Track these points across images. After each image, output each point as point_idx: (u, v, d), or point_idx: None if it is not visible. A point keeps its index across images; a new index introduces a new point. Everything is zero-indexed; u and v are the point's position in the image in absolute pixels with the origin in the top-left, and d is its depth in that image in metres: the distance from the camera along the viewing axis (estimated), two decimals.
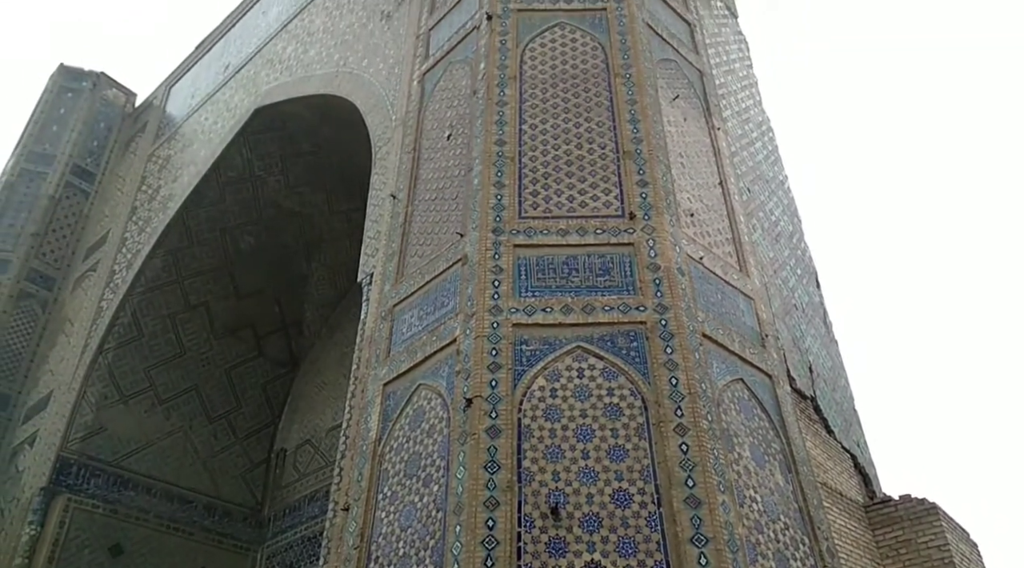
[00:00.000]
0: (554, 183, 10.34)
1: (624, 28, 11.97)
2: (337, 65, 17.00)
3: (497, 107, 11.14)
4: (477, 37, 12.34)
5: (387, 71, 14.98)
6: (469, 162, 10.94)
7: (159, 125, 23.85)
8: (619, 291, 9.30)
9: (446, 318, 9.72)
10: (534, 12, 12.34)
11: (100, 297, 19.88)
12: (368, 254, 12.41)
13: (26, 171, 23.14)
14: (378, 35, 16.05)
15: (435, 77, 13.05)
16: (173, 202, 19.83)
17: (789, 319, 11.74)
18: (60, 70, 25.50)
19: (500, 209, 10.07)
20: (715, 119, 12.69)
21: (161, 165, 21.98)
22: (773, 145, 15.12)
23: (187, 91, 23.67)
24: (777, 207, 13.71)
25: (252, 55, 20.92)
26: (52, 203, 22.85)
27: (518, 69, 11.61)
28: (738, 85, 14.92)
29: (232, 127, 19.40)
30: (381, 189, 13.00)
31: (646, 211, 9.93)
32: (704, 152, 11.97)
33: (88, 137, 24.48)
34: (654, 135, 10.76)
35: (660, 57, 12.30)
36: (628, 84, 11.28)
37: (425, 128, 12.56)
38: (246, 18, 22.76)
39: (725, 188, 11.80)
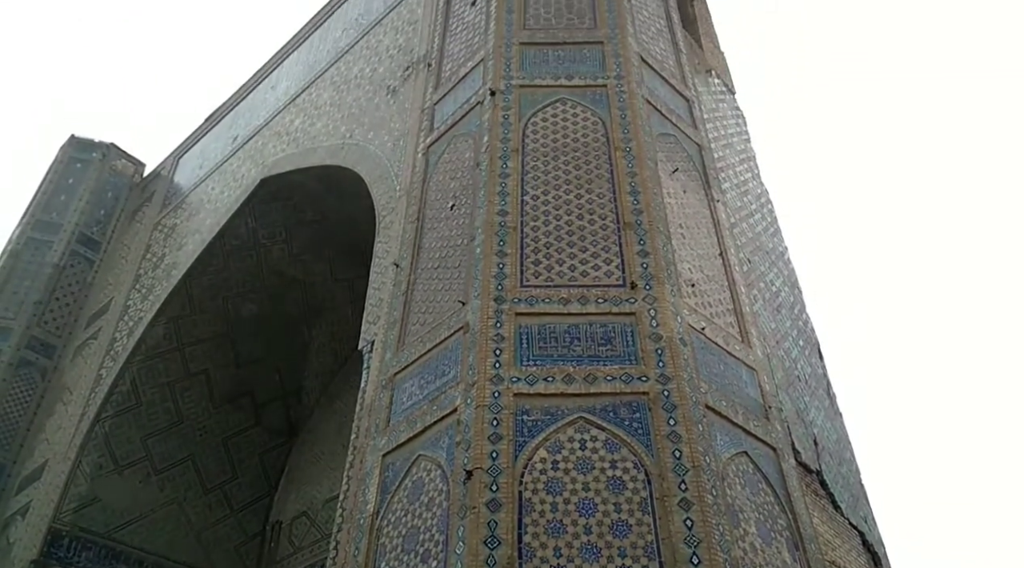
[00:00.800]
0: (556, 252, 10.42)
1: (624, 104, 12.26)
2: (343, 137, 17.36)
3: (500, 178, 11.31)
4: (481, 111, 12.63)
5: (392, 143, 15.29)
6: (472, 232, 11.05)
7: (166, 194, 24.22)
8: (621, 361, 9.26)
9: (447, 387, 9.64)
10: (536, 88, 12.67)
11: (100, 365, 19.80)
12: (369, 322, 12.41)
13: (32, 240, 23.38)
14: (384, 109, 16.45)
15: (439, 149, 13.30)
16: (177, 270, 19.96)
17: (792, 391, 11.63)
18: (71, 141, 26.05)
19: (502, 277, 10.12)
20: (714, 191, 12.87)
21: (167, 233, 22.22)
22: (772, 217, 15.29)
23: (195, 162, 24.12)
24: (778, 278, 13.77)
25: (260, 127, 21.40)
26: (57, 271, 23.00)
27: (520, 142, 11.85)
28: (736, 158, 15.19)
29: (238, 197, 19.69)
30: (384, 257, 13.10)
31: (647, 281, 9.97)
32: (704, 223, 12.10)
33: (95, 206, 24.83)
34: (654, 206, 10.89)
35: (659, 131, 12.56)
36: (628, 157, 11.48)
37: (429, 198, 12.73)
38: (255, 92, 23.38)
39: (725, 259, 11.87)
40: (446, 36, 15.44)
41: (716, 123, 15.06)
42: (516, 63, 13.04)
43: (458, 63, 14.35)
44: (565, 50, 13.21)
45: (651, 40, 14.17)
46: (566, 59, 13.11)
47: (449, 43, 15.20)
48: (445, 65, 14.84)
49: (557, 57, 13.16)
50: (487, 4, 14.39)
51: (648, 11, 14.77)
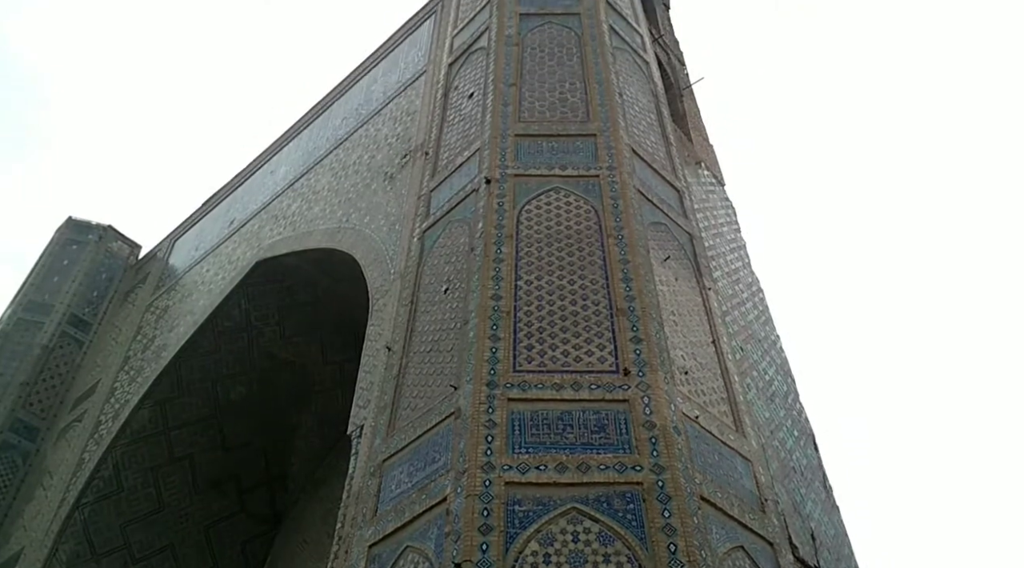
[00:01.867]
0: (549, 338, 10.42)
1: (616, 193, 12.52)
2: (340, 221, 17.60)
3: (494, 263, 11.42)
4: (476, 199, 12.87)
5: (388, 227, 15.49)
6: (465, 315, 11.07)
7: (161, 276, 24.30)
8: (615, 449, 9.12)
9: (437, 475, 9.45)
10: (531, 177, 12.95)
11: (83, 449, 19.39)
12: (360, 405, 12.26)
13: (23, 321, 23.29)
14: (381, 194, 16.75)
15: (435, 234, 13.47)
16: (167, 352, 19.83)
17: (788, 483, 11.43)
18: (68, 223, 26.29)
19: (495, 362, 10.07)
20: (706, 280, 13.00)
21: (159, 315, 22.17)
22: (764, 305, 15.40)
23: (191, 244, 24.33)
24: (770, 367, 13.75)
25: (258, 211, 21.70)
26: (45, 352, 22.80)
27: (515, 229, 12.02)
28: (727, 248, 15.42)
29: (233, 279, 19.78)
30: (376, 340, 13.06)
31: (640, 367, 9.94)
32: (696, 311, 12.16)
33: (88, 287, 24.85)
34: (646, 293, 10.97)
35: (651, 220, 12.78)
36: (620, 245, 11.64)
37: (423, 282, 12.81)
38: (254, 177, 23.82)
39: (718, 347, 11.88)
40: (443, 127, 15.88)
41: (707, 213, 15.36)
42: (511, 153, 13.37)
43: (455, 152, 14.71)
44: (559, 141, 13.57)
45: (642, 133, 14.60)
46: (560, 150, 13.45)
47: (446, 133, 15.62)
48: (442, 154, 15.20)
49: (551, 148, 13.51)
50: (483, 97, 14.87)
51: (639, 106, 15.28)
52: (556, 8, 16.26)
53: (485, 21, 16.65)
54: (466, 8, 18.19)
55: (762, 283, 15.97)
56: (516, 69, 14.93)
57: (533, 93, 14.47)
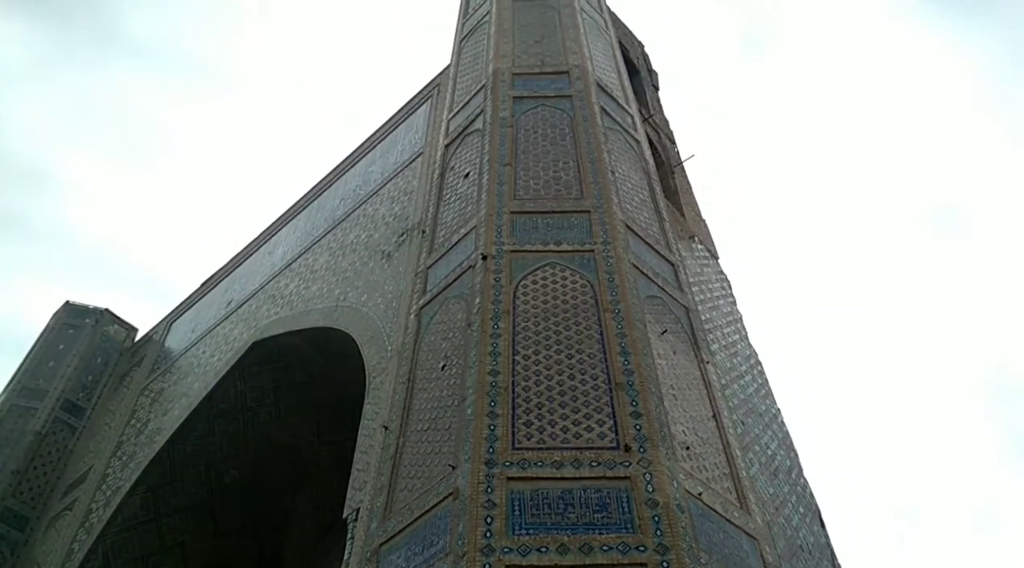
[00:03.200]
0: (548, 414, 10.29)
1: (612, 268, 12.60)
2: (337, 300, 17.64)
3: (491, 339, 11.39)
4: (473, 275, 12.94)
5: (385, 305, 15.52)
6: (463, 392, 10.96)
7: (156, 359, 24.17)
8: (617, 529, 8.88)
9: (435, 559, 9.16)
10: (527, 253, 13.06)
11: (73, 538, 18.85)
12: (356, 488, 12.00)
13: (16, 407, 23.04)
14: (378, 272, 16.84)
15: (432, 311, 13.48)
16: (160, 436, 19.54)
17: (796, 562, 11.10)
18: (65, 307, 26.33)
19: (493, 440, 9.92)
20: (704, 353, 12.95)
21: (153, 398, 21.94)
22: (763, 378, 15.30)
23: (188, 326, 24.29)
24: (772, 441, 13.55)
25: (255, 291, 21.77)
26: (38, 439, 22.47)
27: (511, 304, 12.04)
28: (723, 320, 15.43)
29: (229, 360, 19.67)
30: (373, 419, 12.89)
31: (641, 444, 9.78)
32: (695, 385, 12.07)
33: (84, 372, 24.69)
34: (645, 367, 10.90)
35: (647, 294, 12.83)
36: (617, 319, 11.63)
37: (420, 359, 12.74)
38: (253, 258, 24.00)
39: (719, 421, 11.73)
40: (440, 205, 16.12)
41: (702, 286, 15.44)
42: (507, 230, 13.52)
43: (451, 230, 14.88)
44: (554, 218, 13.75)
45: (635, 209, 14.82)
46: (555, 226, 13.61)
47: (443, 212, 15.84)
48: (439, 232, 15.37)
49: (546, 224, 13.68)
50: (479, 177, 15.15)
51: (631, 183, 15.56)
52: (548, 91, 16.76)
53: (480, 104, 17.13)
54: (461, 92, 18.74)
55: (760, 355, 15.92)
56: (511, 149, 15.27)
57: (528, 172, 14.75)
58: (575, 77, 17.05)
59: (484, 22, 20.31)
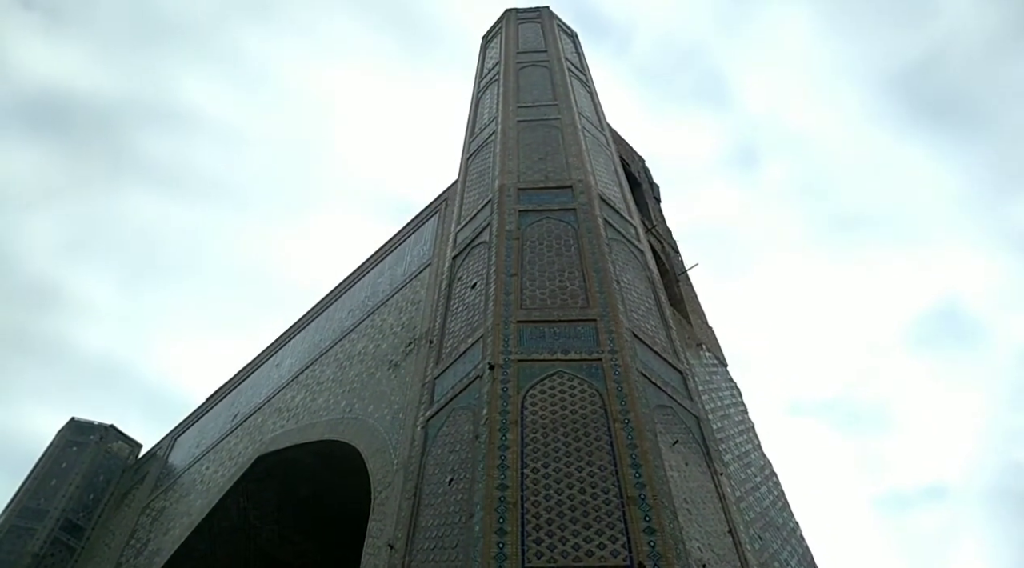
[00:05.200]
0: (558, 530, 9.97)
1: (620, 377, 12.52)
2: (343, 411, 17.48)
3: (499, 451, 11.19)
4: (480, 385, 12.87)
5: (391, 416, 15.36)
6: (470, 508, 10.67)
7: (159, 476, 23.74)
8: None
9: None
10: (534, 362, 13.03)
11: None
12: None
13: (15, 528, 22.51)
14: (385, 383, 16.77)
15: (438, 422, 13.33)
16: (160, 557, 18.93)
17: None
18: (70, 424, 26.14)
19: (503, 559, 9.57)
20: (717, 464, 12.66)
21: (154, 517, 21.40)
22: (779, 490, 14.88)
23: (192, 441, 24.00)
24: (792, 557, 13.04)
25: (261, 405, 21.61)
26: (35, 561, 21.83)
27: (519, 414, 11.91)
28: (735, 430, 15.18)
29: (232, 475, 19.30)
30: (378, 537, 12.51)
31: (656, 561, 9.42)
32: (710, 498, 11.74)
33: (85, 491, 24.24)
34: (657, 480, 10.64)
35: (656, 403, 12.68)
36: (627, 429, 11.46)
37: (427, 473, 12.49)
38: (259, 371, 23.98)
39: (735, 536, 11.33)
40: (447, 315, 16.24)
41: (711, 395, 15.28)
42: (514, 339, 13.55)
43: (458, 339, 14.92)
44: (560, 327, 13.80)
45: (641, 318, 14.88)
46: (561, 335, 13.64)
47: (450, 321, 15.93)
48: (446, 342, 15.41)
49: (553, 333, 13.71)
50: (486, 287, 15.34)
51: (636, 292, 15.70)
52: (553, 205, 17.21)
53: (487, 218, 17.56)
54: (468, 206, 19.25)
55: (775, 465, 15.55)
56: (517, 260, 15.52)
57: (534, 282, 14.93)
58: (579, 191, 17.54)
59: (490, 141, 21.11)
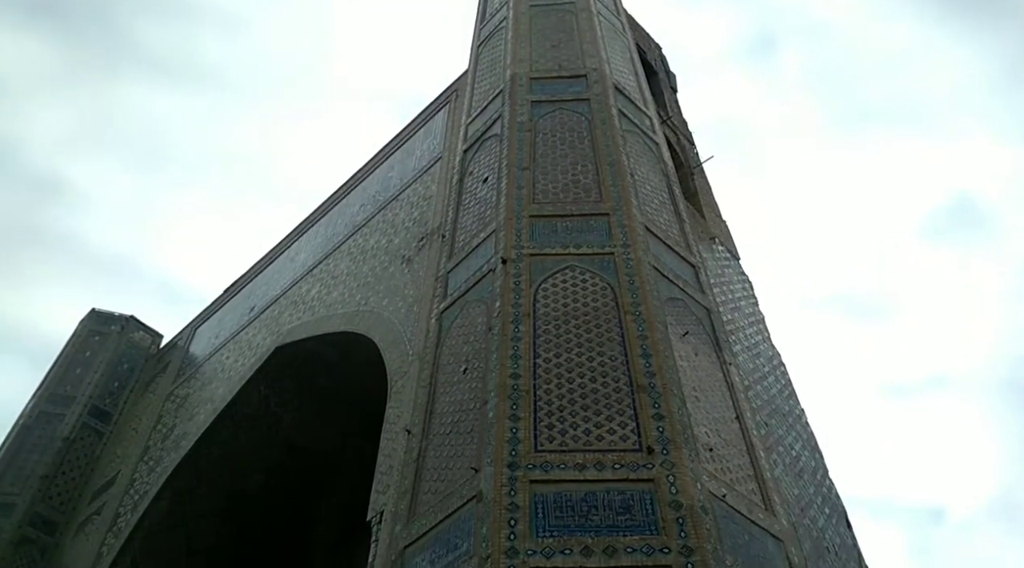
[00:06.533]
0: (570, 416, 10.30)
1: (631, 270, 12.59)
2: (358, 304, 17.77)
3: (512, 342, 11.43)
4: (493, 279, 12.99)
5: (406, 309, 15.62)
6: (484, 395, 11.01)
7: (181, 365, 24.46)
8: (641, 531, 8.87)
9: (460, 562, 9.21)
10: (546, 256, 13.09)
11: (101, 542, 19.12)
12: (379, 491, 12.08)
13: (44, 413, 23.41)
14: (398, 277, 16.96)
15: (452, 315, 13.56)
16: (186, 441, 19.76)
17: (822, 563, 11.03)
18: (91, 314, 26.70)
19: (516, 443, 9.94)
20: (726, 354, 12.90)
21: (179, 404, 22.20)
22: (786, 379, 15.21)
23: (212, 331, 24.57)
24: (796, 442, 13.47)
25: (277, 297, 21.97)
26: (66, 445, 22.81)
27: (532, 307, 12.08)
28: (745, 322, 15.37)
29: (252, 365, 19.86)
30: (395, 423, 12.98)
31: (664, 445, 9.77)
32: (718, 386, 12.03)
33: (110, 378, 25.04)
34: (667, 369, 10.88)
35: (667, 296, 12.81)
36: (638, 321, 11.63)
37: (442, 363, 12.81)
38: (275, 264, 24.24)
39: (742, 422, 11.68)
40: (459, 210, 16.20)
41: (723, 288, 15.38)
42: (526, 233, 13.57)
43: (471, 234, 14.95)
44: (573, 221, 13.78)
45: (655, 211, 14.80)
46: (574, 229, 13.63)
47: (462, 216, 15.91)
48: (458, 236, 15.45)
49: (565, 228, 13.70)
50: (498, 181, 15.21)
51: (650, 185, 15.55)
52: (566, 95, 16.80)
53: (498, 109, 17.20)
54: (479, 97, 18.83)
55: (783, 356, 15.83)
56: (529, 153, 15.31)
57: (546, 176, 14.79)
58: (593, 80, 17.08)
59: (501, 27, 20.40)
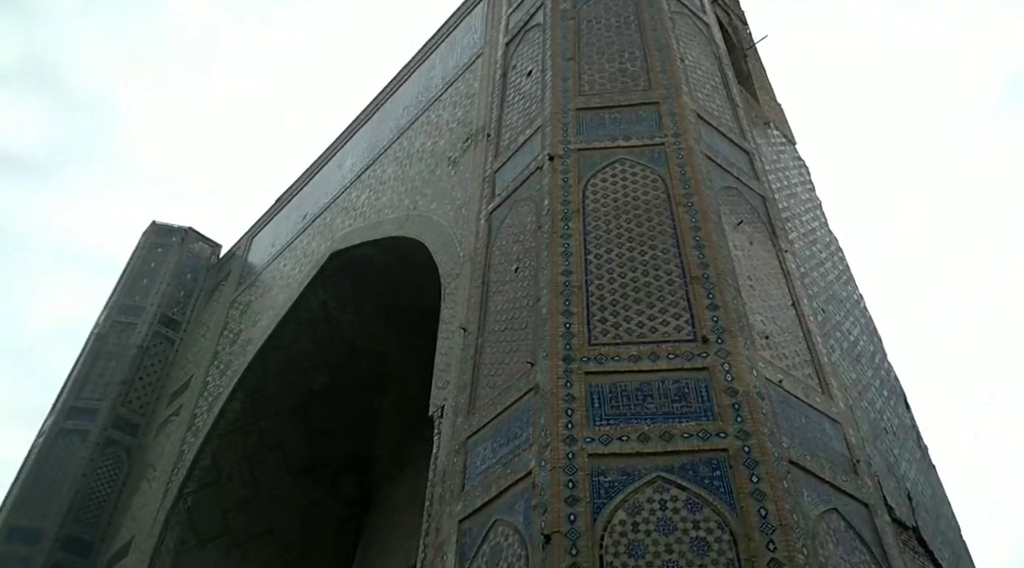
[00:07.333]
0: (623, 310, 10.37)
1: (683, 160, 12.31)
2: (407, 209, 17.86)
3: (562, 239, 11.41)
4: (540, 176, 12.86)
5: (454, 212, 15.64)
6: (537, 293, 11.11)
7: (241, 273, 25.18)
8: (697, 417, 9.04)
9: (520, 450, 9.56)
10: (594, 150, 12.85)
11: (182, 441, 20.35)
12: (439, 387, 12.49)
13: (117, 323, 24.53)
14: (445, 179, 16.91)
15: (501, 215, 13.54)
16: (252, 345, 20.56)
17: (880, 443, 11.14)
18: (152, 227, 27.49)
19: (570, 337, 10.10)
20: (782, 242, 12.69)
21: (242, 311, 23.00)
22: (844, 265, 14.95)
23: (267, 240, 25.10)
24: (855, 327, 13.37)
25: (328, 204, 22.20)
26: (140, 352, 23.98)
27: (581, 203, 11.97)
28: (802, 208, 15.01)
29: (309, 272, 20.33)
30: (451, 322, 13.25)
31: (719, 335, 9.80)
32: (773, 274, 11.90)
33: (175, 288, 25.98)
34: (720, 259, 10.79)
35: (721, 185, 12.53)
36: (691, 212, 11.46)
37: (493, 263, 12.91)
38: (323, 171, 24.36)
39: (799, 309, 11.61)
40: (503, 107, 15.89)
41: (778, 174, 14.96)
42: (573, 128, 13.29)
43: (516, 131, 14.71)
44: (621, 112, 13.41)
45: (706, 97, 14.29)
46: (622, 121, 13.29)
47: (507, 113, 15.62)
48: (504, 134, 15.22)
49: (613, 120, 13.37)
50: (542, 74, 14.80)
51: (702, 70, 14.95)
52: None
53: None
54: None
55: (841, 242, 15.51)
56: (573, 43, 14.79)
57: (592, 66, 14.32)
58: None
59: None
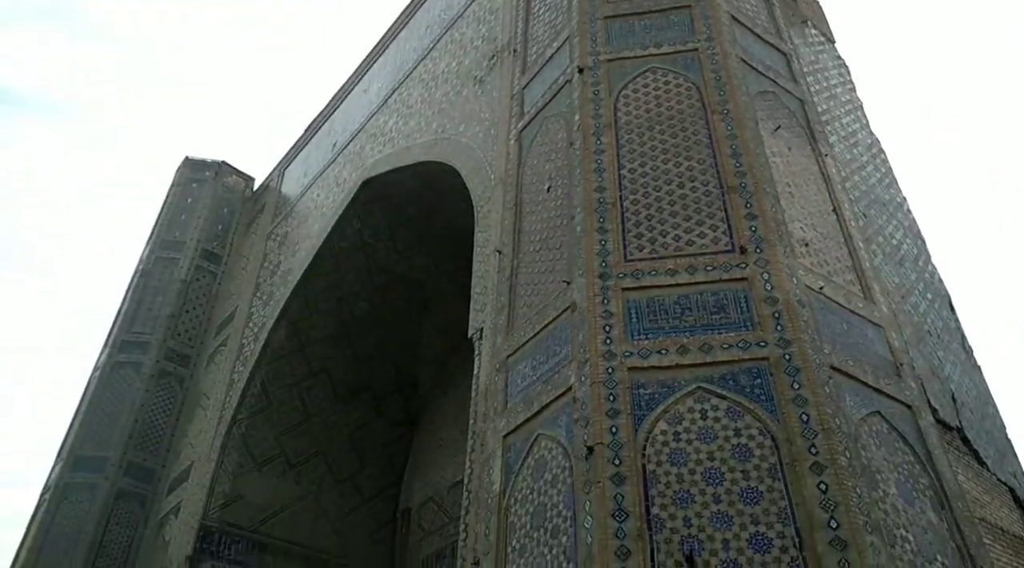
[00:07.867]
0: (658, 224, 10.26)
1: (717, 66, 11.91)
2: (436, 133, 17.65)
3: (594, 155, 11.23)
4: (570, 90, 12.57)
5: (483, 133, 15.42)
6: (571, 211, 11.03)
7: (276, 205, 25.36)
8: (736, 327, 9.04)
9: (560, 366, 9.70)
10: (625, 60, 12.48)
11: (231, 370, 21.00)
12: (477, 309, 12.61)
13: (160, 259, 25.04)
14: (472, 100, 16.61)
15: (531, 133, 13.33)
16: (292, 275, 20.89)
17: (923, 346, 11.05)
18: (185, 162, 27.66)
19: (605, 254, 10.06)
20: (821, 146, 12.33)
21: (280, 242, 23.28)
22: (886, 167, 14.52)
23: (299, 171, 25.14)
24: (898, 230, 13.08)
25: (357, 132, 22.05)
26: (184, 286, 24.53)
27: (613, 117, 11.71)
28: (842, 110, 14.50)
29: (342, 201, 20.39)
30: (485, 246, 13.26)
31: (757, 244, 9.68)
32: (813, 180, 11.62)
33: (213, 222, 26.31)
34: (758, 167, 10.55)
35: (757, 90, 12.14)
36: (726, 120, 11.15)
37: (524, 183, 12.79)
38: (349, 97, 24.09)
39: (839, 214, 11.37)
40: (529, 19, 15.43)
41: (817, 75, 14.41)
42: (602, 37, 12.89)
43: (543, 45, 14.31)
44: (651, 18, 12.94)
45: None
46: (653, 27, 12.84)
47: (532, 26, 15.17)
48: (530, 48, 14.83)
49: (644, 26, 12.92)
50: None
51: None
52: None
53: None
54: None
55: (883, 144, 15.01)
56: None
57: None
58: None
59: None
